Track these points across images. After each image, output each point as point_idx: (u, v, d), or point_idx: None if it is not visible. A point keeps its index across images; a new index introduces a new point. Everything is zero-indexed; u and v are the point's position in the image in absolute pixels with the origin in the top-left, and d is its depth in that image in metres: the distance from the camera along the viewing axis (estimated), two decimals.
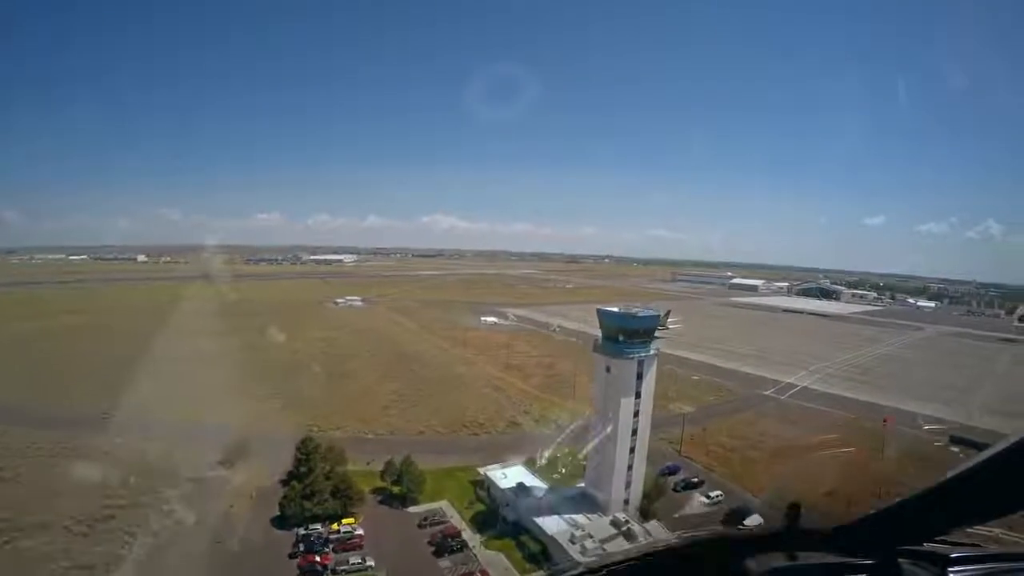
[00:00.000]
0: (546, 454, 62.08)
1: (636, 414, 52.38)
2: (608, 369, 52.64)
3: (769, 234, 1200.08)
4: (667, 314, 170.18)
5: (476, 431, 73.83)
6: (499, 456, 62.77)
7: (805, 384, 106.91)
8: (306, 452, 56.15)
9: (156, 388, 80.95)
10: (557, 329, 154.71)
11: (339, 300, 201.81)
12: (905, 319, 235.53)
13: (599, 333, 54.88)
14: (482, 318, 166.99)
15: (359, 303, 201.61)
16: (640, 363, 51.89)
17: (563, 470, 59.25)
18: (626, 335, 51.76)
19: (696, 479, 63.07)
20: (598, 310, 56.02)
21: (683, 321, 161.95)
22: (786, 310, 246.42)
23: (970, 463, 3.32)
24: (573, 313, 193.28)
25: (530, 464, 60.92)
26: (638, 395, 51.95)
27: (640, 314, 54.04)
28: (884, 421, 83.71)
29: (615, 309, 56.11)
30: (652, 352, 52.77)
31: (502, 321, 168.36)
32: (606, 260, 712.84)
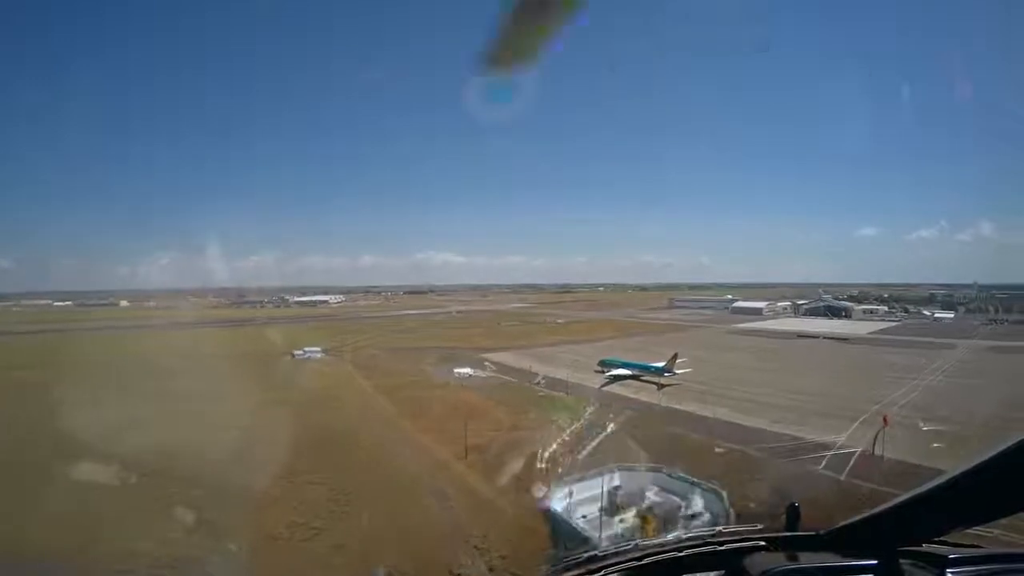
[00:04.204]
0: None
1: None
2: None
3: (762, 251, 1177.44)
4: (674, 357, 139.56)
5: None
6: None
7: (866, 449, 75.71)
8: None
9: None
10: (542, 381, 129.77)
11: (297, 352, 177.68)
12: (929, 335, 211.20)
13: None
14: (455, 370, 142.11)
15: (318, 354, 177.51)
16: None
17: None
18: None
19: None
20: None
21: (690, 360, 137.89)
22: (800, 335, 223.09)
23: (970, 464, 3.35)
24: (562, 356, 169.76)
25: None
26: None
27: None
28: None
29: None
30: None
31: (478, 372, 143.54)
32: (600, 288, 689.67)
